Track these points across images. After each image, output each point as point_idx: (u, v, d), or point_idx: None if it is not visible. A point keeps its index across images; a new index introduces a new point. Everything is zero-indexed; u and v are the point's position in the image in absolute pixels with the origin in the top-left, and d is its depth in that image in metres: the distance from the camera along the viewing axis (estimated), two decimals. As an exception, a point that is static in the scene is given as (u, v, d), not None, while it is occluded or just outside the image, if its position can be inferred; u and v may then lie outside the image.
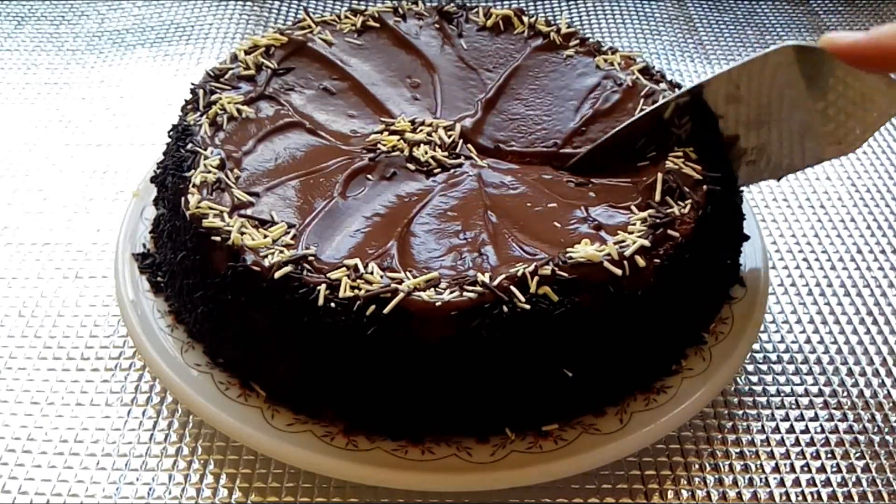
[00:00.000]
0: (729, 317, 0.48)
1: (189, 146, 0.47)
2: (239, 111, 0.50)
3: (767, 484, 0.45)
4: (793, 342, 0.53)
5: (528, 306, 0.38)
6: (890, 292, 0.57)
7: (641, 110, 0.50)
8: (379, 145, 0.49)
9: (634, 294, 0.40)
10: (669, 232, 0.42)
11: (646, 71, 0.55)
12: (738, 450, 0.47)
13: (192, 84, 0.52)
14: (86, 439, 0.46)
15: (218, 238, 0.41)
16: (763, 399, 0.49)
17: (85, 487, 0.44)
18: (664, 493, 0.44)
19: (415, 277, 0.39)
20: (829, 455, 0.47)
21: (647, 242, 0.41)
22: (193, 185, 0.44)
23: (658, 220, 0.42)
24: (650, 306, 0.41)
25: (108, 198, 0.64)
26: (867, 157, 0.70)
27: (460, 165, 0.48)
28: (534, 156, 0.50)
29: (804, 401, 0.49)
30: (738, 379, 0.50)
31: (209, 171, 0.45)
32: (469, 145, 0.50)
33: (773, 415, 0.49)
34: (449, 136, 0.50)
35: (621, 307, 0.40)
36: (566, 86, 0.55)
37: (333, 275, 0.39)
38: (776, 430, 0.48)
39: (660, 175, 0.45)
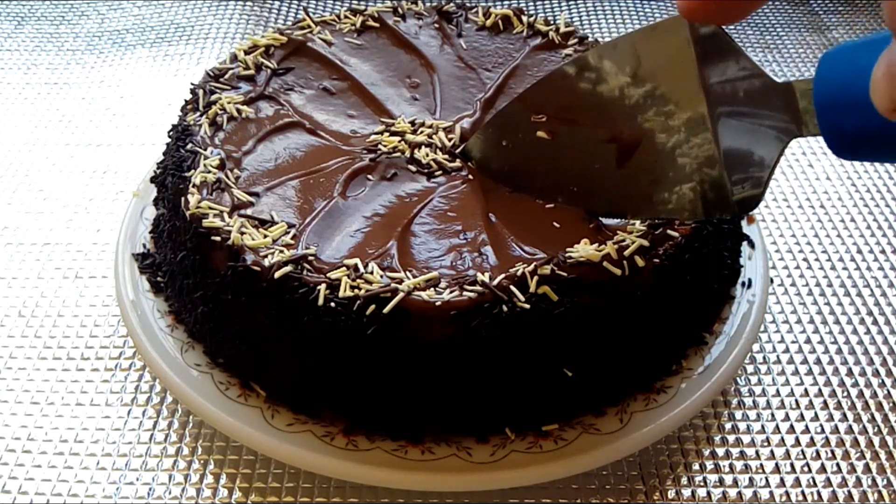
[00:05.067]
0: (729, 317, 0.48)
1: (189, 146, 0.47)
2: (239, 111, 0.50)
3: (767, 484, 0.45)
4: (793, 342, 0.53)
5: (527, 306, 0.38)
6: (890, 292, 0.57)
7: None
8: (380, 146, 0.49)
9: (634, 294, 0.40)
10: (669, 232, 0.42)
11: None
12: (738, 450, 0.47)
13: (192, 84, 0.52)
14: (86, 439, 0.46)
15: (218, 238, 0.41)
16: (763, 399, 0.49)
17: (85, 487, 0.44)
18: (664, 493, 0.44)
19: (415, 277, 0.39)
20: (829, 455, 0.47)
21: (646, 242, 0.41)
22: (193, 185, 0.44)
23: (657, 220, 0.42)
24: (650, 306, 0.41)
25: (108, 198, 0.64)
26: (867, 157, 0.70)
27: (461, 169, 0.48)
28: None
29: (804, 401, 0.49)
30: (738, 379, 0.50)
31: (209, 171, 0.45)
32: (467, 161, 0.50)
33: (773, 415, 0.49)
34: (450, 140, 0.49)
35: (621, 307, 0.40)
36: (565, 85, 0.54)
37: (333, 274, 0.39)
38: (776, 430, 0.48)
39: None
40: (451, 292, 0.38)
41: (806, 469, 0.46)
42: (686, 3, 0.31)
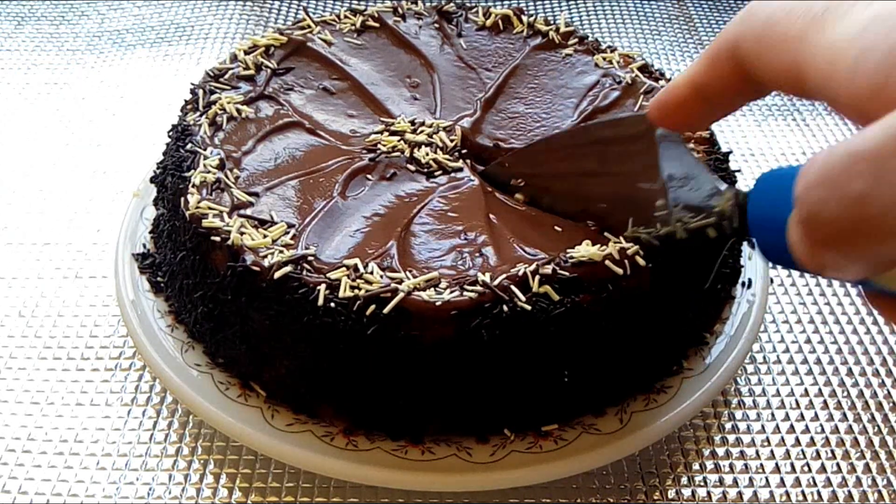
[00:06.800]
0: (729, 317, 0.48)
1: (189, 146, 0.47)
2: (238, 111, 0.50)
3: (767, 484, 0.45)
4: (793, 342, 0.53)
5: (528, 306, 0.38)
6: (890, 292, 0.57)
7: (641, 107, 0.50)
8: (379, 146, 0.49)
9: (635, 293, 0.40)
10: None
11: (645, 69, 0.55)
12: (738, 450, 0.47)
13: (192, 84, 0.52)
14: (86, 439, 0.46)
15: (218, 238, 0.41)
16: (763, 399, 0.49)
17: (85, 487, 0.44)
18: (664, 493, 0.44)
19: (415, 277, 0.39)
20: (829, 455, 0.47)
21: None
22: (193, 186, 0.44)
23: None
24: (651, 306, 0.41)
25: (108, 198, 0.64)
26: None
27: (461, 170, 0.48)
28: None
29: (804, 401, 0.49)
30: (738, 379, 0.50)
31: (209, 171, 0.45)
32: (469, 161, 0.50)
33: (773, 415, 0.49)
34: (452, 141, 0.49)
35: (622, 306, 0.40)
36: (565, 84, 0.55)
37: (333, 275, 0.39)
38: (776, 430, 0.48)
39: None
40: (451, 292, 0.38)
41: (806, 469, 0.46)
42: (656, 112, 0.35)
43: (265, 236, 0.41)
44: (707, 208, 0.36)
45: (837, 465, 0.46)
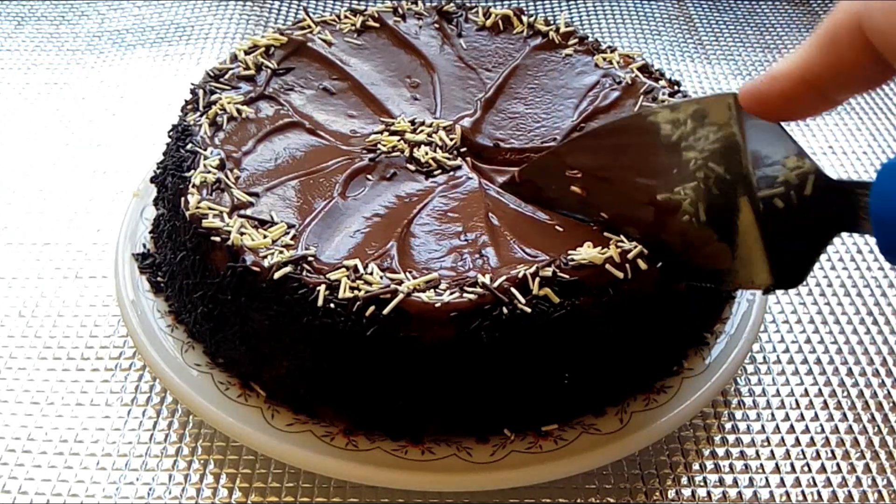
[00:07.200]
0: (729, 317, 0.48)
1: (189, 146, 0.47)
2: (239, 111, 0.50)
3: (767, 484, 0.45)
4: (793, 342, 0.53)
5: (528, 309, 0.38)
6: (890, 292, 0.57)
7: (641, 107, 0.50)
8: (379, 146, 0.49)
9: (636, 296, 0.40)
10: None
11: (645, 69, 0.55)
12: (738, 450, 0.47)
13: (192, 84, 0.52)
14: (86, 439, 0.46)
15: (218, 238, 0.41)
16: (763, 399, 0.49)
17: (85, 487, 0.44)
18: (664, 493, 0.44)
19: (415, 278, 0.39)
20: (829, 455, 0.47)
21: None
22: (193, 186, 0.44)
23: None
24: (651, 308, 0.41)
25: (108, 198, 0.64)
26: (867, 158, 0.70)
27: (460, 167, 0.48)
28: (533, 151, 0.50)
29: (804, 401, 0.49)
30: (738, 379, 0.50)
31: (209, 172, 0.45)
32: (469, 159, 0.50)
33: (773, 415, 0.49)
34: (451, 140, 0.49)
35: (622, 309, 0.40)
36: (565, 84, 0.55)
37: (333, 275, 0.39)
38: (776, 430, 0.48)
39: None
40: (451, 294, 0.38)
41: (806, 469, 0.46)
42: (755, 106, 0.31)
43: (265, 236, 0.41)
44: (770, 178, 0.33)
45: (837, 465, 0.46)
